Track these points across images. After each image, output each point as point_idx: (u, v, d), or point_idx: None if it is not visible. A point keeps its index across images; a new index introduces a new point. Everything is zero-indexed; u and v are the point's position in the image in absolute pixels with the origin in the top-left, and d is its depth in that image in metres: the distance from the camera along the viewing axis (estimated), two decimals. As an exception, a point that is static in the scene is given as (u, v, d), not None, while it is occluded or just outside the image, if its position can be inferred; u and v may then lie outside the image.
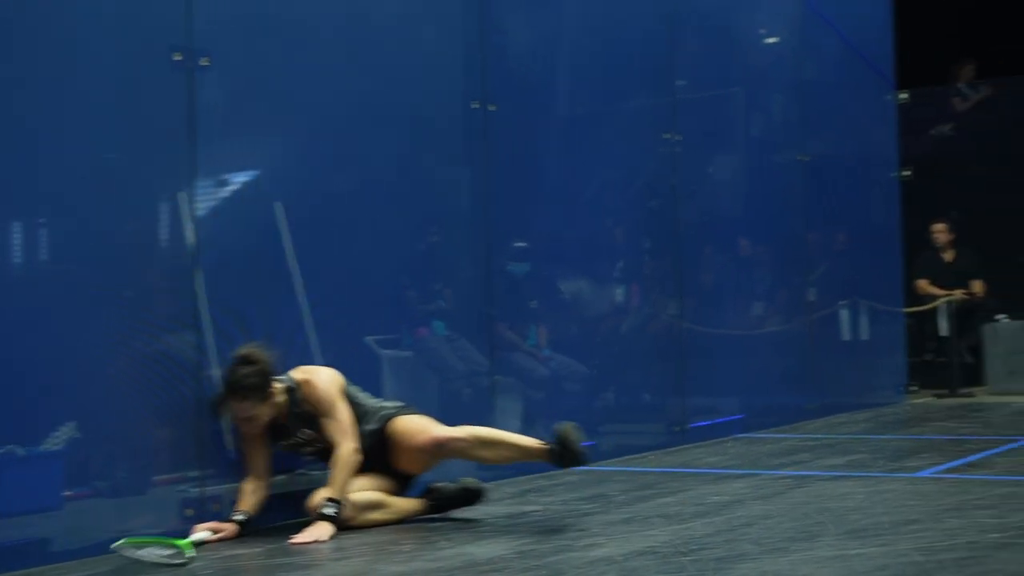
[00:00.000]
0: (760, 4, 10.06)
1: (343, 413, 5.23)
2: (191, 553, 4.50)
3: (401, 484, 5.41)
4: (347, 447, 5.14)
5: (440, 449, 5.33)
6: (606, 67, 7.92)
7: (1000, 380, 12.52)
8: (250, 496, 5.09)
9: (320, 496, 5.04)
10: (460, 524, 5.24)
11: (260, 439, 5.16)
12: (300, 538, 4.86)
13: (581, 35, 7.73)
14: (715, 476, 6.56)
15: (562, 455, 5.26)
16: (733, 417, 8.88)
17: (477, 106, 6.72)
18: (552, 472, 6.73)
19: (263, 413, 5.10)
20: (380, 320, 6.19)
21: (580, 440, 5.26)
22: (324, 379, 5.29)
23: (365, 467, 5.22)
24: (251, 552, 4.71)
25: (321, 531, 4.91)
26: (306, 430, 5.23)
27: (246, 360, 5.02)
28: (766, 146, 10.05)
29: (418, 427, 5.36)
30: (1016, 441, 7.69)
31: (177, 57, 5.14)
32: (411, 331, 6.40)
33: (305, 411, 5.22)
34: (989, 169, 14.47)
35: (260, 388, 5.04)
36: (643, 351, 8.19)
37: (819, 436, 8.58)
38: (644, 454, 7.71)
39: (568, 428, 5.26)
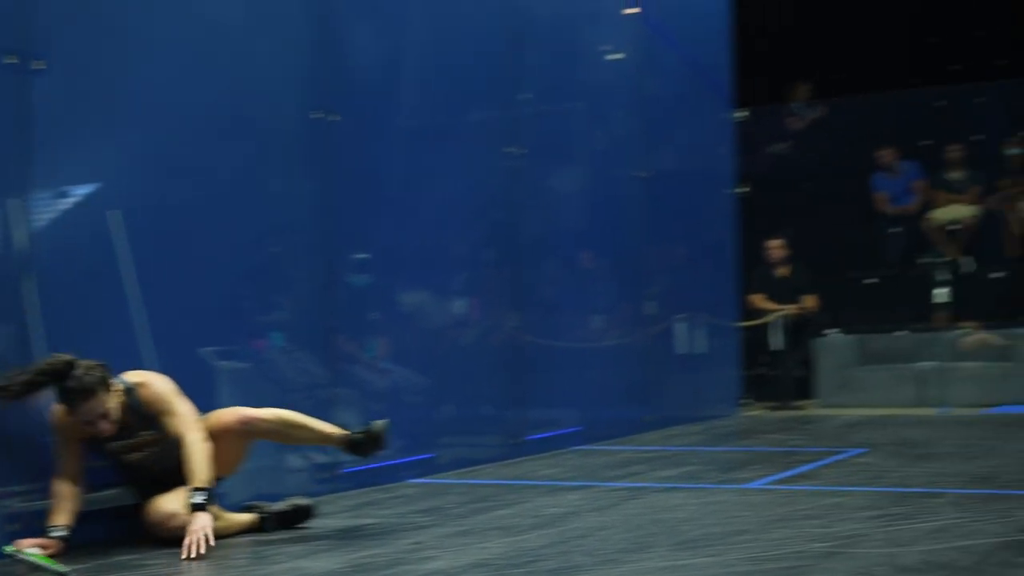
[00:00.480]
0: (603, 21, 10.20)
1: (184, 407, 5.19)
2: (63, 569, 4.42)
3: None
4: (195, 436, 5.10)
5: (247, 426, 5.34)
6: (450, 80, 7.95)
7: (830, 393, 12.89)
8: (67, 508, 4.95)
9: (173, 499, 5.02)
10: (294, 538, 5.20)
11: (79, 447, 5.06)
12: (189, 549, 4.78)
13: (425, 47, 7.73)
14: (551, 488, 6.61)
15: (358, 445, 5.52)
16: (571, 429, 8.97)
17: (319, 116, 6.68)
18: (389, 485, 6.74)
19: (113, 407, 5.02)
20: (217, 331, 6.10)
21: (383, 438, 5.52)
22: (161, 379, 5.25)
23: (174, 481, 5.15)
24: (80, 569, 4.60)
25: (201, 522, 4.86)
26: (147, 432, 5.16)
27: (72, 365, 4.92)
28: (608, 161, 10.19)
29: (224, 412, 5.40)
30: (843, 453, 7.91)
31: (9, 60, 5.01)
32: (249, 342, 6.33)
33: (147, 412, 5.16)
34: (822, 186, 14.90)
35: (103, 380, 4.97)
36: (483, 363, 8.22)
37: (655, 448, 8.71)
38: (482, 466, 7.74)
39: (381, 426, 5.53)
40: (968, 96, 15.25)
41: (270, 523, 5.38)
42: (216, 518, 5.16)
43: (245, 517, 5.36)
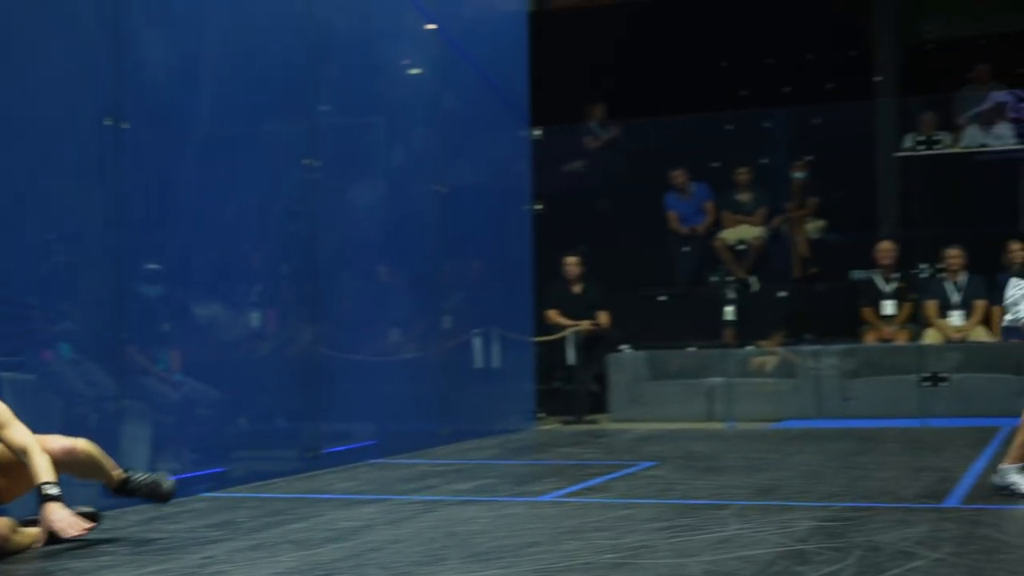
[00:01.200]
0: (402, 35, 10.21)
1: (19, 423, 5.09)
2: None
3: None
4: (35, 442, 5.04)
5: (70, 457, 5.23)
6: (247, 89, 7.85)
7: (622, 408, 13.09)
8: None
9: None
10: (80, 553, 5.06)
11: None
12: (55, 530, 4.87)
13: (222, 56, 7.63)
14: (346, 502, 6.58)
15: (132, 492, 5.51)
16: (366, 443, 8.94)
17: (110, 123, 6.52)
18: (179, 498, 6.60)
19: None
20: (1, 341, 5.92)
21: (168, 495, 5.61)
22: None
23: None
24: None
25: (60, 513, 4.91)
26: None
27: None
28: (405, 175, 10.20)
29: (46, 439, 5.21)
30: (634, 466, 8.06)
31: None
32: (35, 353, 6.15)
33: None
34: (616, 205, 15.18)
35: None
36: (277, 376, 8.14)
37: (450, 461, 8.74)
38: (275, 480, 7.65)
39: (170, 486, 5.62)
40: (756, 120, 15.73)
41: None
42: (15, 531, 5.03)
43: (37, 531, 5.19)
